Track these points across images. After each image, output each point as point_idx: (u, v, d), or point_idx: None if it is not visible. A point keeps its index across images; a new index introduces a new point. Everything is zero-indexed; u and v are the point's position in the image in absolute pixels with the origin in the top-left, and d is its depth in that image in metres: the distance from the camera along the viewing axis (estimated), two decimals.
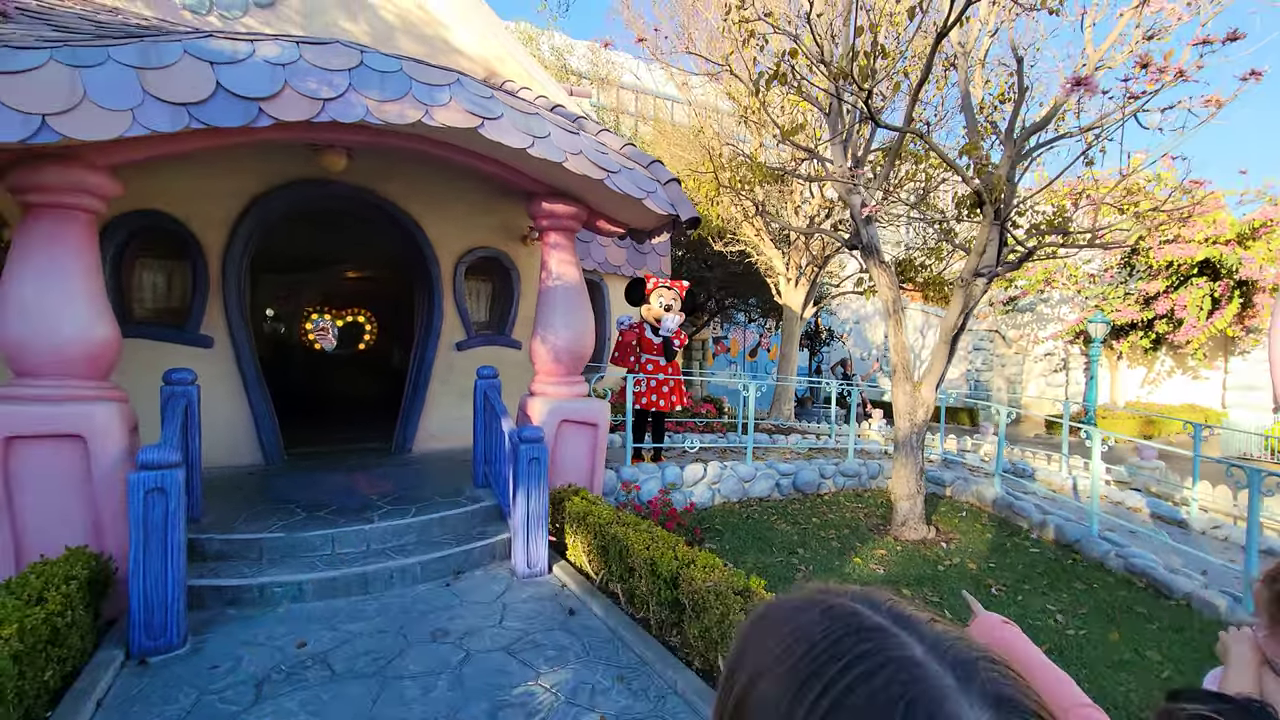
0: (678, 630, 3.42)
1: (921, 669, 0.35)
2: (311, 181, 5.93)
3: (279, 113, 3.74)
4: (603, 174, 4.67)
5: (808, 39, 4.57)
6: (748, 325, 20.61)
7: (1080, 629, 3.74)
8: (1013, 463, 8.51)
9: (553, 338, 5.22)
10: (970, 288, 5.22)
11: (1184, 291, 15.67)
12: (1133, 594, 4.35)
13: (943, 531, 5.64)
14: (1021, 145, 5.15)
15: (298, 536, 4.18)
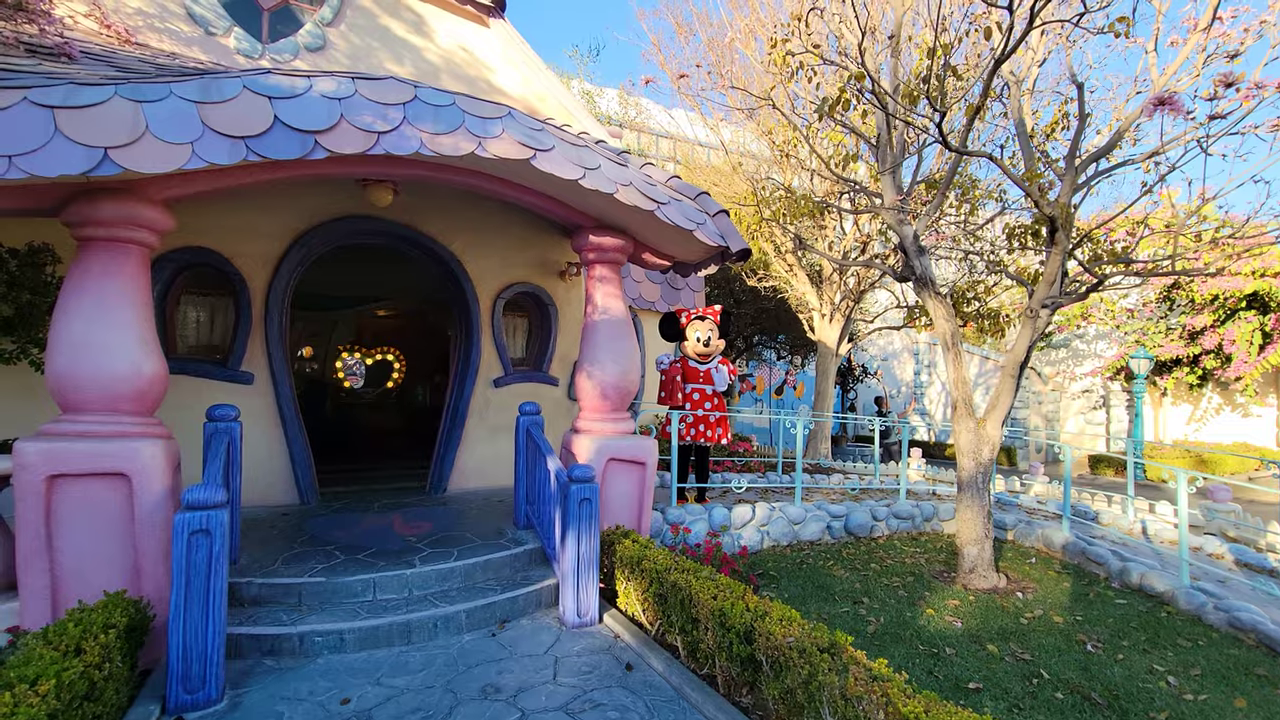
0: (750, 690, 3.13)
1: None
2: (355, 218, 5.94)
3: (334, 145, 3.70)
4: (653, 205, 4.57)
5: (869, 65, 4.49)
6: (774, 363, 20.33)
7: (1199, 693, 3.35)
8: (1075, 505, 8.06)
9: (599, 373, 5.05)
10: (1037, 319, 4.98)
11: (1232, 325, 15.13)
12: (1243, 652, 3.94)
13: (1014, 579, 5.26)
14: (1082, 172, 4.98)
15: (338, 581, 3.98)
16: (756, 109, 6.80)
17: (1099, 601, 4.79)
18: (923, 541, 6.36)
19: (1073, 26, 4.47)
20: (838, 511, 6.43)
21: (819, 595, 4.74)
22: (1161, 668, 3.65)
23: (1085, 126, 4.92)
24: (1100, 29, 4.11)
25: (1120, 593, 5.02)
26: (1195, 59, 4.75)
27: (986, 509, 5.22)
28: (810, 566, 5.41)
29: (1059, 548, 6.02)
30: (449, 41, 6.73)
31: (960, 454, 5.30)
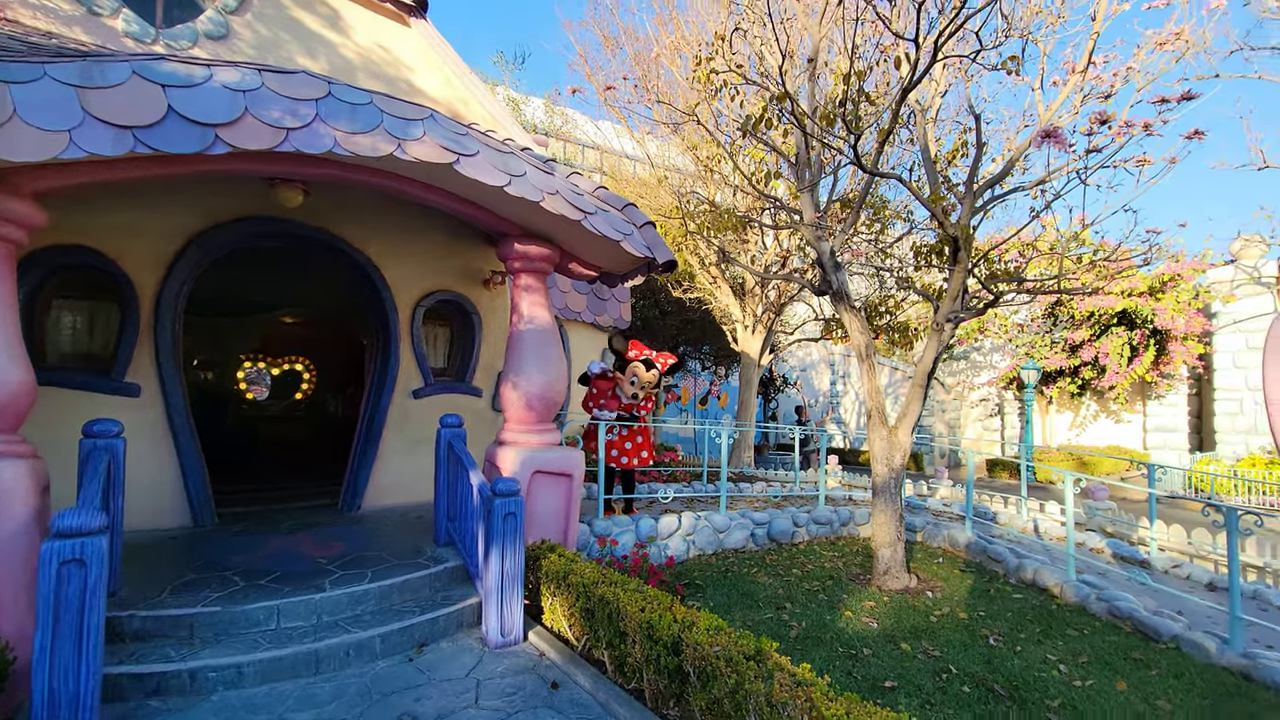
0: (678, 702, 3.12)
1: None
2: (260, 219, 5.56)
3: (238, 140, 3.46)
4: (580, 215, 4.54)
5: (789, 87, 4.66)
6: (699, 373, 20.69)
7: (1086, 679, 3.63)
8: (976, 507, 8.61)
9: (525, 383, 4.95)
10: (942, 332, 5.29)
11: (1105, 340, 16.73)
12: (1123, 639, 4.31)
13: (924, 579, 5.54)
14: (979, 197, 5.36)
15: (236, 610, 3.67)
16: (681, 124, 6.91)
17: (999, 597, 5.12)
18: (840, 545, 6.60)
19: (970, 62, 4.82)
20: (761, 519, 6.57)
21: (744, 602, 4.81)
22: (1054, 657, 3.94)
23: (982, 154, 5.30)
24: (994, 66, 4.46)
25: (1016, 588, 5.39)
26: (1074, 98, 5.23)
27: (899, 513, 5.49)
28: (735, 574, 5.49)
29: (963, 547, 6.40)
30: (367, 39, 6.46)
31: (874, 461, 5.55)
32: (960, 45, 6.21)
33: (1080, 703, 3.33)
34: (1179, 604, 5.01)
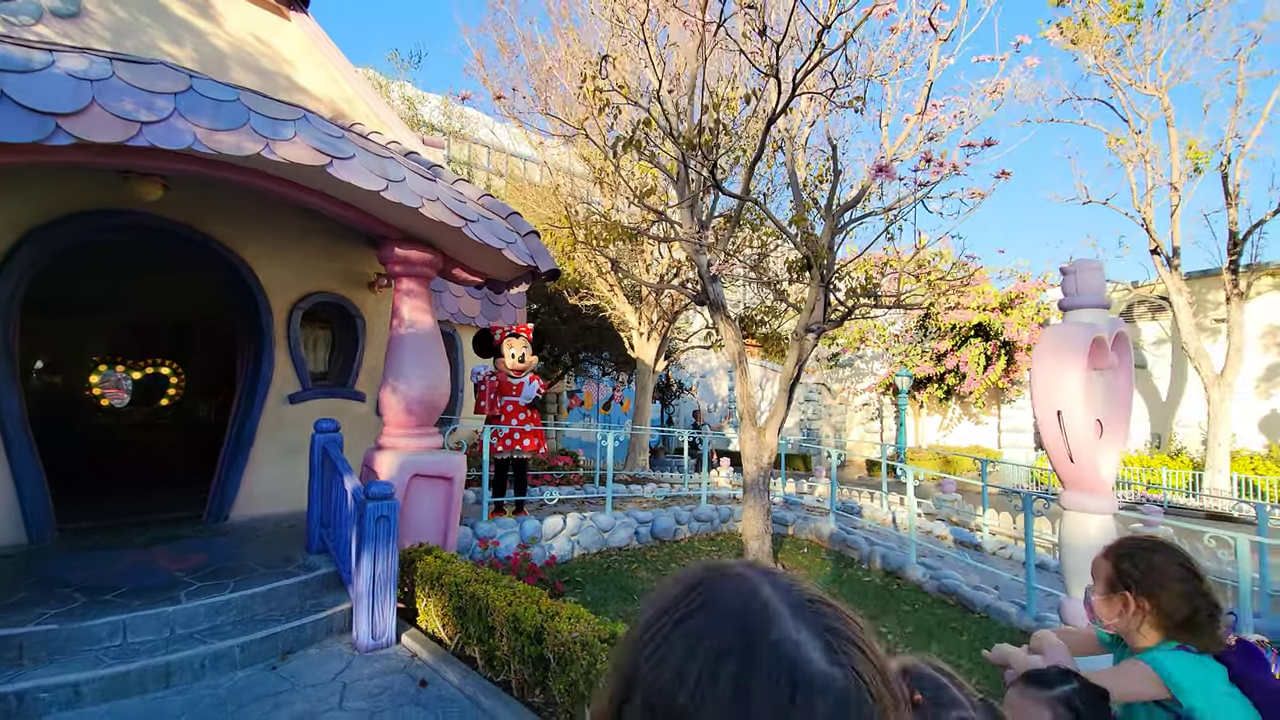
0: (541, 689, 3.29)
1: (761, 598, 0.43)
2: (113, 212, 5.20)
3: (83, 132, 3.30)
4: (461, 222, 4.63)
5: (657, 111, 4.98)
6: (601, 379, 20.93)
7: (907, 645, 4.15)
8: (843, 501, 9.36)
9: (404, 387, 4.95)
10: (803, 342, 5.80)
11: (965, 350, 18.59)
12: (946, 611, 4.93)
13: (788, 567, 6.01)
14: (838, 219, 5.94)
15: (74, 627, 3.46)
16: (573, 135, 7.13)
17: (850, 580, 5.67)
18: (719, 541, 7.01)
19: (827, 99, 5.36)
20: (645, 518, 6.86)
21: (620, 596, 5.05)
22: (884, 629, 4.46)
23: (839, 181, 5.88)
24: (843, 104, 4.99)
25: (867, 572, 5.98)
26: (917, 136, 5.92)
27: (767, 508, 5.94)
28: (616, 570, 5.72)
29: (826, 538, 6.99)
30: (241, 29, 6.18)
31: (745, 460, 5.97)
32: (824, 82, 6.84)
33: None
34: (997, 580, 5.77)
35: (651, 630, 0.44)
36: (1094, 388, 3.36)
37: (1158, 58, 13.64)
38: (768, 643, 0.40)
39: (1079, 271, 3.35)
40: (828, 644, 0.41)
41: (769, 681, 0.38)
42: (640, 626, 0.46)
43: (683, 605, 0.45)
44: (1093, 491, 3.26)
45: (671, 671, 0.41)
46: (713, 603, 0.44)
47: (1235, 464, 13.98)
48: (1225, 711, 1.31)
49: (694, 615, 0.43)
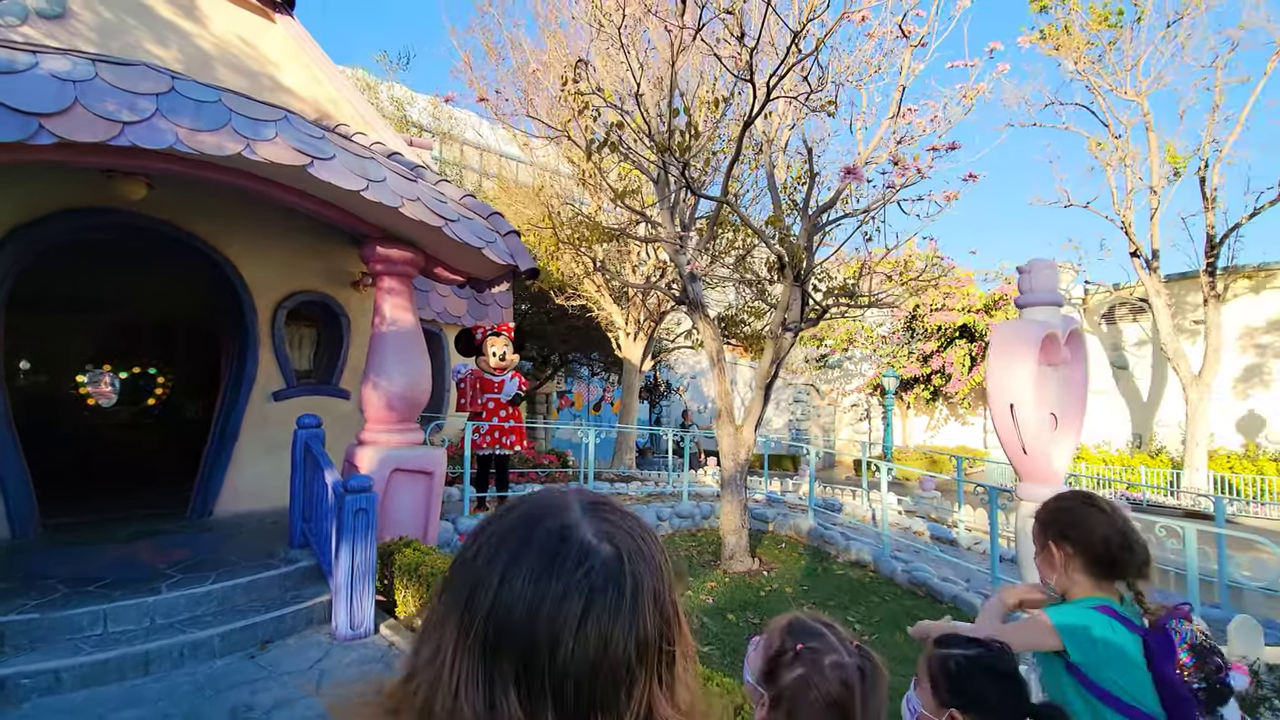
0: None
1: (560, 500, 0.54)
2: (97, 210, 5.26)
3: (66, 131, 3.38)
4: (441, 221, 4.72)
5: (638, 117, 5.10)
6: (591, 379, 21.03)
7: (874, 634, 4.27)
8: (825, 499, 9.49)
9: (386, 383, 5.03)
10: (780, 340, 5.92)
11: (950, 351, 18.82)
12: (915, 602, 5.06)
13: (765, 562, 6.14)
14: (815, 220, 6.06)
15: (55, 616, 3.53)
16: (557, 137, 7.24)
17: (825, 574, 5.79)
18: (699, 537, 7.12)
19: (801, 103, 5.49)
20: None
21: None
22: (853, 619, 4.58)
23: (815, 183, 6.01)
24: (817, 108, 5.12)
25: (843, 566, 6.10)
26: (889, 139, 6.05)
27: (743, 503, 6.05)
28: None
29: (805, 534, 7.11)
30: (226, 31, 6.25)
31: (723, 456, 6.09)
32: (799, 86, 6.97)
33: None
34: (968, 573, 5.91)
35: (477, 527, 0.55)
36: (1048, 382, 3.49)
37: (1138, 64, 13.89)
38: (551, 522, 0.51)
39: (1033, 270, 3.48)
40: (598, 527, 0.51)
41: (539, 546, 0.49)
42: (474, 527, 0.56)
43: (502, 510, 0.56)
44: (1045, 481, 3.38)
45: (473, 550, 0.52)
46: (522, 503, 0.55)
47: (1213, 463, 14.22)
48: (1105, 664, 1.37)
49: (507, 512, 0.55)
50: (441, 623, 0.50)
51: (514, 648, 0.46)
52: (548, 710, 0.46)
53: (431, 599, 0.53)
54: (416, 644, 0.53)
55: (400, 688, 0.51)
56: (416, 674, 0.50)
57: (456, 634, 0.48)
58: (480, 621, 0.47)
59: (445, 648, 0.48)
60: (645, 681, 0.50)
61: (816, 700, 0.96)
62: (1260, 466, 14.11)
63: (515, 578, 0.48)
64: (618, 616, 0.48)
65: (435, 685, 0.48)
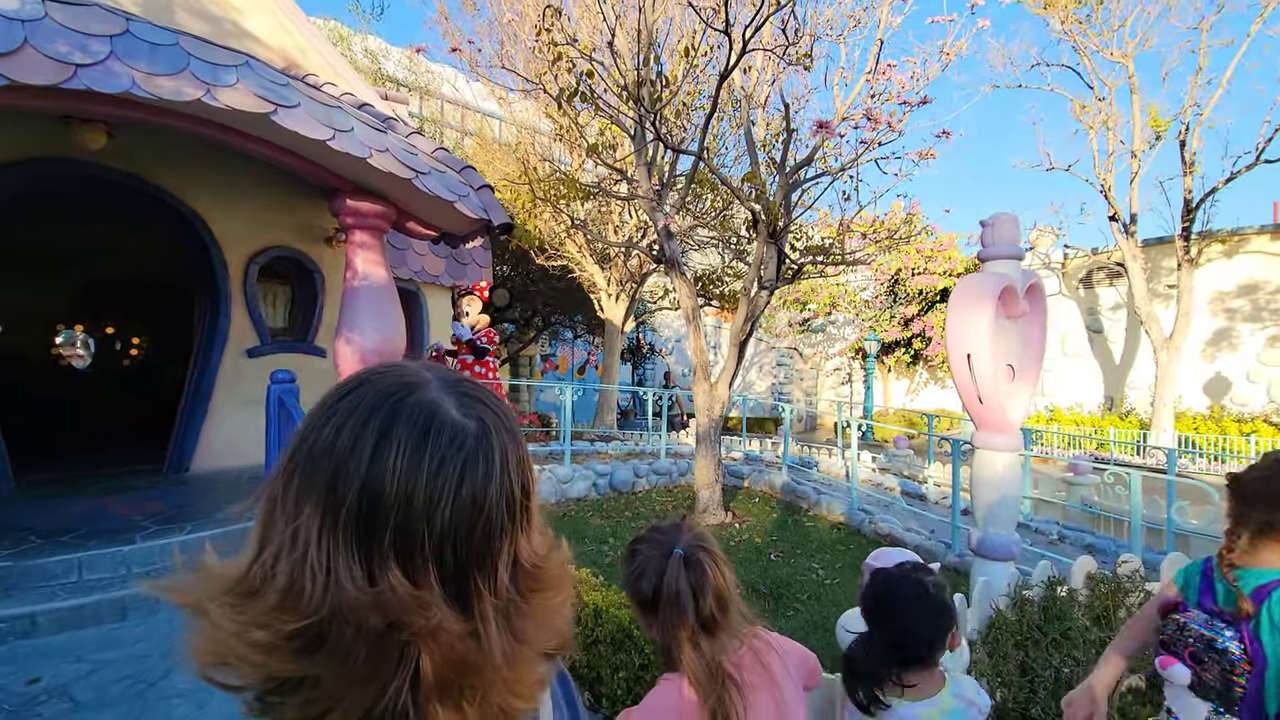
0: None
1: (415, 375, 0.53)
2: (53, 160, 5.11)
3: (16, 73, 3.28)
4: (411, 174, 4.65)
5: (611, 66, 5.01)
6: (575, 342, 21.03)
7: (835, 580, 4.44)
8: (802, 457, 9.69)
9: (359, 339, 5.02)
10: (755, 299, 5.96)
11: (931, 315, 18.99)
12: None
13: (739, 515, 6.30)
14: (791, 177, 6.05)
15: (29, 564, 3.57)
16: (534, 90, 7.09)
17: (794, 526, 5.96)
18: (675, 492, 7.27)
19: (778, 57, 5.41)
20: (603, 470, 7.08)
21: (573, 539, 5.24)
22: (817, 566, 4.74)
23: (792, 140, 5.97)
24: (792, 61, 5.06)
25: (812, 519, 6.29)
26: (866, 95, 6.00)
27: (718, 458, 6.17)
28: (572, 518, 5.94)
29: (778, 489, 7.29)
30: None
31: (698, 412, 6.18)
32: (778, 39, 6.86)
33: (823, 595, 4.10)
34: (933, 524, 6.11)
35: (322, 405, 0.52)
36: (1006, 334, 3.58)
37: (1125, 24, 13.77)
38: (412, 399, 0.51)
39: (995, 224, 3.53)
40: (461, 404, 0.53)
41: (409, 422, 0.49)
42: (312, 408, 0.52)
43: (351, 385, 0.53)
44: (999, 431, 3.50)
45: (331, 428, 0.49)
46: (372, 380, 0.53)
47: (1179, 424, 14.63)
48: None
49: (360, 388, 0.52)
50: (297, 503, 0.48)
51: (390, 520, 0.47)
52: (430, 575, 0.49)
53: (276, 480, 0.50)
54: (262, 529, 0.50)
55: (251, 571, 0.49)
56: (278, 557, 0.48)
57: (321, 513, 0.47)
58: (352, 497, 0.47)
59: (308, 528, 0.47)
60: (512, 533, 0.54)
61: (642, 548, 1.19)
62: (1224, 427, 14.54)
63: (387, 454, 0.48)
64: (489, 481, 0.51)
65: (301, 565, 0.47)
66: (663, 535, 1.20)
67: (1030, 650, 2.50)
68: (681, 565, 1.13)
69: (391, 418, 0.50)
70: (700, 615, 1.10)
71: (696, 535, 1.19)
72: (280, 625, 0.46)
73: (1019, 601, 2.67)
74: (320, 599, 0.46)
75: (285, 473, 0.50)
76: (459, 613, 0.49)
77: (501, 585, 0.52)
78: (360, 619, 0.46)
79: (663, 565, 1.13)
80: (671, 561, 1.13)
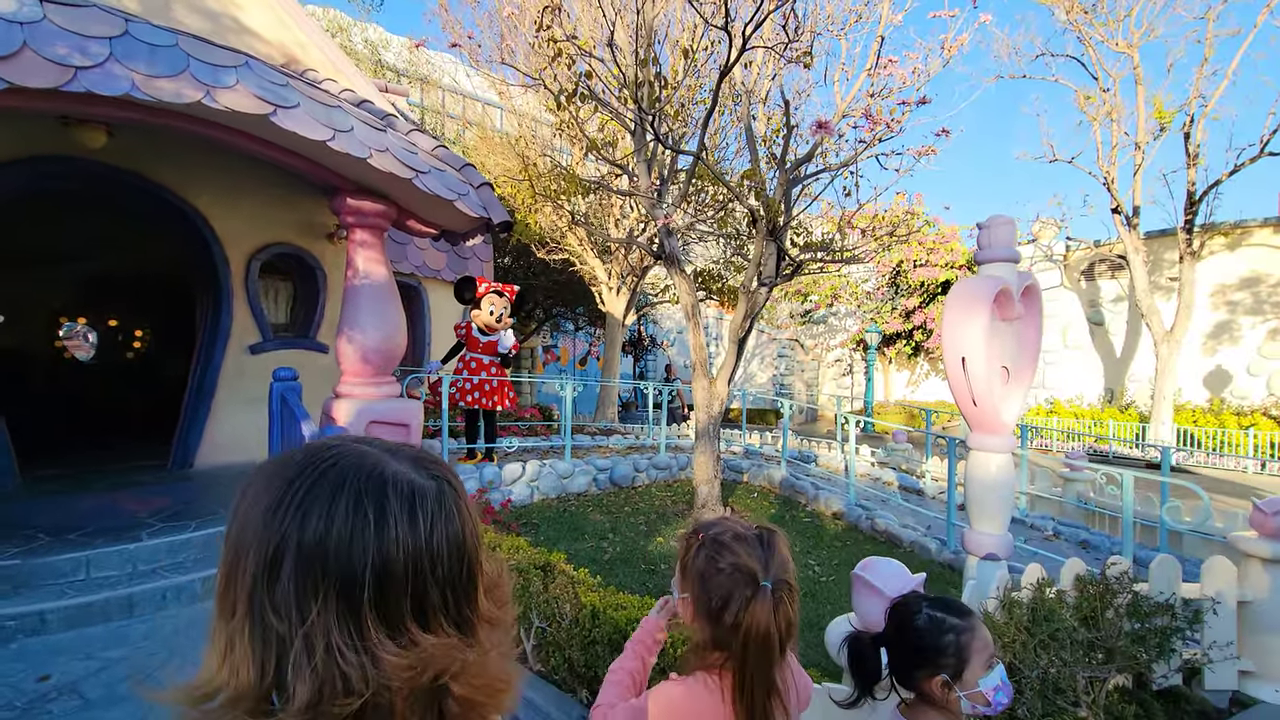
0: None
1: (369, 454, 0.56)
2: (54, 159, 5.13)
3: (16, 77, 3.30)
4: (411, 173, 4.66)
5: (608, 59, 5.00)
6: (576, 334, 21.06)
7: (831, 576, 4.50)
8: (800, 451, 9.74)
9: (360, 337, 5.06)
10: (754, 295, 5.98)
11: (933, 307, 18.98)
12: (876, 547, 5.30)
13: (737, 511, 6.32)
14: (791, 174, 6.04)
15: (37, 562, 3.63)
16: (533, 85, 7.07)
17: (793, 521, 6.02)
18: (675, 487, 7.32)
19: (778, 54, 5.40)
20: (604, 465, 7.13)
21: (572, 535, 5.33)
22: (814, 562, 4.80)
23: (792, 136, 5.96)
24: (792, 59, 5.05)
25: (810, 514, 6.34)
26: (867, 92, 5.98)
27: (716, 454, 6.21)
28: (572, 513, 6.00)
29: (777, 484, 7.34)
30: None
31: (697, 408, 6.21)
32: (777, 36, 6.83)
33: (819, 593, 4.16)
34: (929, 520, 6.16)
35: (289, 497, 0.52)
36: (1001, 337, 3.60)
37: (1130, 14, 13.65)
38: (389, 473, 0.55)
39: (992, 227, 3.54)
40: (419, 469, 0.57)
41: (396, 496, 0.53)
42: (269, 501, 0.52)
43: (311, 472, 0.53)
44: (993, 432, 3.53)
45: (320, 517, 0.51)
46: (340, 463, 0.55)
47: (1178, 417, 14.66)
48: None
49: (328, 473, 0.54)
50: (298, 605, 0.49)
51: (406, 588, 0.51)
52: (441, 621, 0.54)
53: (239, 592, 0.51)
54: (249, 641, 0.50)
55: (258, 685, 0.49)
56: (294, 666, 0.48)
57: (335, 604, 0.49)
58: (369, 578, 0.49)
59: (324, 624, 0.48)
60: (481, 562, 0.59)
61: (725, 566, 1.09)
62: (1222, 420, 14.57)
63: (388, 530, 0.51)
64: (464, 527, 0.57)
65: (328, 663, 0.48)
66: (743, 555, 1.10)
67: (1018, 652, 2.55)
68: (770, 603, 1.07)
69: (381, 495, 0.53)
70: (781, 652, 1.08)
71: (780, 563, 1.11)
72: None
73: (1008, 603, 2.72)
74: (361, 682, 0.48)
75: (257, 577, 0.50)
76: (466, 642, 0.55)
77: (483, 607, 0.58)
78: (405, 681, 0.50)
79: (747, 600, 1.06)
80: (760, 599, 1.07)
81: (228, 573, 0.52)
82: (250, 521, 0.52)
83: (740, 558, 1.09)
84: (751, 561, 1.08)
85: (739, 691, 1.06)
